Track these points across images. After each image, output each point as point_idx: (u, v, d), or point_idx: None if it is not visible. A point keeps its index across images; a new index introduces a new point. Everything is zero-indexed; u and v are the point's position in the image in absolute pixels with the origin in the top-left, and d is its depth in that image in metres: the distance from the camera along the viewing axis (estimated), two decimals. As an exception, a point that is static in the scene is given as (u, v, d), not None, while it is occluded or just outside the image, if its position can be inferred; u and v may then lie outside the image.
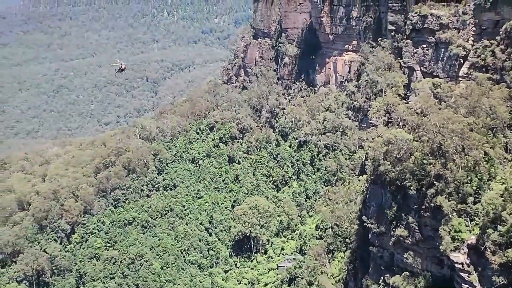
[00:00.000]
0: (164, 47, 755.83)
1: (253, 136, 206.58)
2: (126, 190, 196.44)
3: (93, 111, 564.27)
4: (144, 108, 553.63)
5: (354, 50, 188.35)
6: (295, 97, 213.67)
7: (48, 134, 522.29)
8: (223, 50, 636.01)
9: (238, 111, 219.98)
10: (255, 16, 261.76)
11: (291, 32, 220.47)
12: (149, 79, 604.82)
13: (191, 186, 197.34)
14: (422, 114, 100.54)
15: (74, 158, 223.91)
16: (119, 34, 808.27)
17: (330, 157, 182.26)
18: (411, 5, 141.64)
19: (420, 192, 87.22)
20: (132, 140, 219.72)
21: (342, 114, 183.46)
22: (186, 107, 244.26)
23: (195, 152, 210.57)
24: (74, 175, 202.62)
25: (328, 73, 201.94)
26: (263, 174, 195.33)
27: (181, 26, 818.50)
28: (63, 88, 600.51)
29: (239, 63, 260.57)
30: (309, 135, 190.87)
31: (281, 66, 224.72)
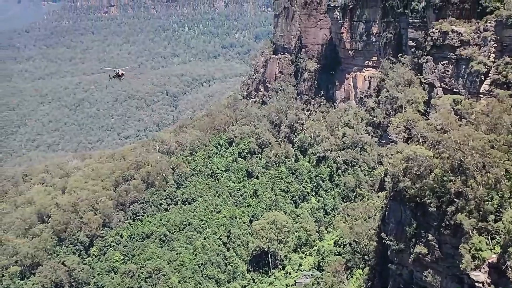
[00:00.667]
0: (185, 62, 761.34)
1: (272, 151, 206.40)
2: (144, 204, 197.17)
3: (113, 124, 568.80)
4: (163, 122, 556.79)
5: (374, 66, 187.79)
6: (315, 112, 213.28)
7: (68, 147, 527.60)
8: (243, 65, 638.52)
9: (257, 126, 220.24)
10: (275, 31, 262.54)
11: (311, 47, 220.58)
12: (169, 93, 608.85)
13: (210, 201, 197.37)
14: (442, 130, 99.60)
15: (94, 171, 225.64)
16: (140, 48, 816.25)
17: (349, 173, 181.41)
18: (431, 22, 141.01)
19: (440, 209, 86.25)
20: (152, 154, 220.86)
21: (361, 130, 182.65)
22: (206, 121, 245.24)
23: (214, 166, 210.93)
24: (93, 188, 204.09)
25: (348, 89, 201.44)
26: (281, 189, 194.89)
27: (202, 41, 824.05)
28: (84, 101, 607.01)
29: (258, 78, 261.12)
30: (328, 151, 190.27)
31: (301, 82, 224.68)
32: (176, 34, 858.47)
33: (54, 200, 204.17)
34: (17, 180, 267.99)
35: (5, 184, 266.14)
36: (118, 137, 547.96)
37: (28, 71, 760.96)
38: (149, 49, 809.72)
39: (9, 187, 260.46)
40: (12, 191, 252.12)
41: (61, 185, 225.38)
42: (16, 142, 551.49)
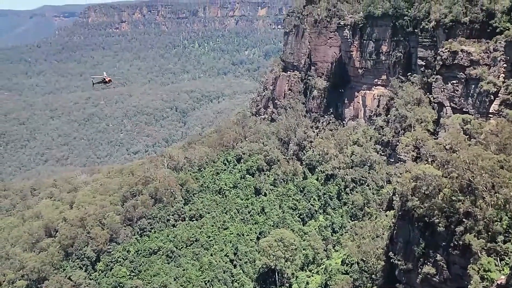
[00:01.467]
0: (194, 78, 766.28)
1: (280, 168, 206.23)
2: (152, 219, 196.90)
3: (122, 139, 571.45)
4: (172, 138, 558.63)
5: (383, 85, 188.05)
6: (323, 130, 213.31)
7: (77, 161, 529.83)
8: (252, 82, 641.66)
9: (266, 143, 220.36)
10: (285, 49, 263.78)
11: (320, 65, 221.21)
12: (178, 109, 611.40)
13: (217, 217, 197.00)
14: (451, 150, 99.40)
15: (102, 186, 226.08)
16: (150, 64, 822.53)
17: (358, 191, 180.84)
18: (441, 41, 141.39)
19: (448, 229, 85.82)
20: (160, 169, 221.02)
21: (370, 148, 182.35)
22: (214, 138, 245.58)
23: (222, 183, 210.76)
24: (101, 203, 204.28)
25: (357, 107, 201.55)
26: (289, 206, 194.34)
27: (212, 57, 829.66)
28: (93, 116, 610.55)
29: (268, 95, 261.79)
30: (336, 169, 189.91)
31: (310, 99, 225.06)
32: (186, 50, 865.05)
33: (61, 215, 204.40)
34: (26, 194, 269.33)
35: (14, 197, 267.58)
36: (126, 152, 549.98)
37: (38, 85, 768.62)
38: (159, 65, 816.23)
39: (17, 200, 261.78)
40: (20, 204, 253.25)
41: (69, 199, 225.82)
42: (25, 156, 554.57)
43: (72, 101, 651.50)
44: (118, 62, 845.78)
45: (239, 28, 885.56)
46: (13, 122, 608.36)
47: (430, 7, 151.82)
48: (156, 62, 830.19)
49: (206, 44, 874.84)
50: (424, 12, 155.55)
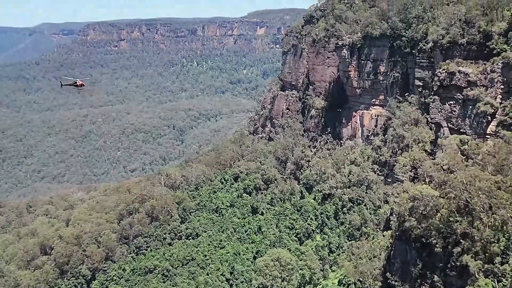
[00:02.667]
0: (192, 96, 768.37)
1: (277, 187, 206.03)
2: (148, 238, 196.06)
3: (119, 157, 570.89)
4: (169, 156, 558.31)
5: (381, 105, 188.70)
6: (321, 149, 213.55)
7: (74, 179, 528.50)
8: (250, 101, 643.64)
9: (263, 162, 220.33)
10: (283, 68, 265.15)
11: (318, 85, 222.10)
12: (176, 127, 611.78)
13: (214, 236, 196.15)
14: (448, 170, 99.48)
15: (98, 203, 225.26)
16: (148, 82, 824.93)
17: (355, 211, 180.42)
18: (438, 62, 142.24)
19: (446, 250, 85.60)
20: (157, 187, 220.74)
21: (367, 168, 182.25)
22: (212, 156, 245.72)
23: (218, 201, 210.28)
24: (97, 221, 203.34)
25: (355, 127, 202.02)
26: (286, 226, 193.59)
27: (210, 76, 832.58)
28: (90, 134, 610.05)
29: (266, 114, 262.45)
30: (333, 188, 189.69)
31: (308, 119, 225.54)
32: (184, 68, 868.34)
33: (57, 232, 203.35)
34: (22, 211, 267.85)
35: (9, 214, 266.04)
36: (123, 170, 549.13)
37: (36, 102, 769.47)
38: (157, 83, 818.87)
39: (13, 217, 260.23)
40: (16, 221, 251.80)
41: (65, 217, 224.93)
42: (21, 173, 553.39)
43: (70, 118, 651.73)
44: (116, 80, 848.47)
45: (237, 47, 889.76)
46: (10, 139, 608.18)
47: (428, 28, 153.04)
48: (154, 80, 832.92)
49: (205, 63, 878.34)
50: (421, 33, 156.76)
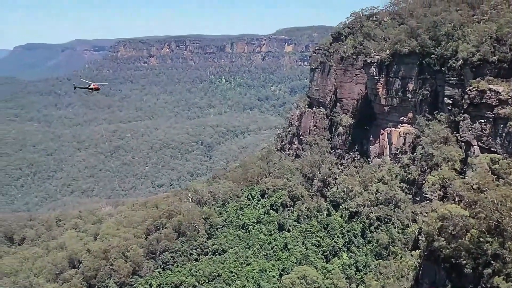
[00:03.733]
0: (220, 113, 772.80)
1: (304, 204, 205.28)
2: (175, 253, 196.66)
3: (147, 172, 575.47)
4: (197, 172, 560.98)
5: (409, 122, 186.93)
6: (348, 167, 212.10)
7: (102, 193, 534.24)
8: (277, 117, 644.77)
9: (290, 178, 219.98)
10: (311, 85, 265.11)
11: (346, 102, 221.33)
12: (203, 143, 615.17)
13: (240, 252, 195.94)
14: (479, 190, 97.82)
15: (126, 218, 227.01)
16: (176, 98, 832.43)
17: (382, 229, 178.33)
18: (469, 80, 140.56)
19: (476, 271, 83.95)
20: (184, 203, 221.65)
21: (395, 186, 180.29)
22: (239, 172, 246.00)
23: (245, 218, 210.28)
24: (125, 235, 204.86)
25: (382, 145, 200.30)
26: (312, 243, 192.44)
27: (238, 92, 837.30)
28: (119, 149, 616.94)
29: (293, 131, 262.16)
30: (361, 206, 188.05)
31: (335, 136, 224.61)
32: (212, 85, 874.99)
33: (85, 246, 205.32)
34: (51, 224, 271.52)
35: (39, 228, 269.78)
36: (151, 185, 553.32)
37: (67, 117, 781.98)
38: (185, 99, 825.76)
39: (42, 231, 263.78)
40: (45, 235, 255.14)
41: (93, 231, 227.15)
42: (52, 187, 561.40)
43: (99, 134, 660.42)
44: (146, 96, 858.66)
45: (265, 64, 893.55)
46: (41, 153, 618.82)
47: (458, 45, 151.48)
48: (183, 96, 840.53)
49: (233, 80, 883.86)
50: (451, 50, 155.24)
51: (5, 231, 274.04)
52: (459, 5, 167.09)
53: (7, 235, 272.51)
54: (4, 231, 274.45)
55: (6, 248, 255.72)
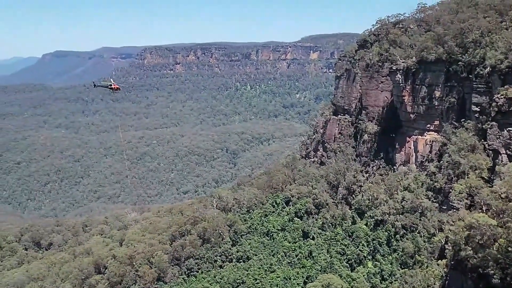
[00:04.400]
0: (245, 120, 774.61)
1: (328, 212, 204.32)
2: (199, 260, 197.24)
3: (173, 179, 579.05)
4: (222, 179, 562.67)
5: (436, 130, 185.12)
6: (373, 175, 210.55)
7: (128, 199, 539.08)
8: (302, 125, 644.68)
9: (314, 186, 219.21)
10: (336, 92, 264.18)
11: (371, 109, 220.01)
12: (229, 150, 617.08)
13: (264, 260, 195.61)
14: (507, 199, 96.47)
15: (152, 224, 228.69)
16: (202, 105, 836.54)
17: (408, 238, 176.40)
18: (496, 87, 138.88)
19: (504, 281, 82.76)
20: (209, 210, 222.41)
21: (421, 194, 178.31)
22: (264, 180, 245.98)
23: (270, 225, 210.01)
24: (150, 242, 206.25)
25: (408, 152, 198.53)
26: (337, 251, 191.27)
27: (263, 100, 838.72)
28: (145, 155, 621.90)
29: (318, 139, 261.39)
30: (386, 214, 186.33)
31: (360, 143, 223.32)
32: (238, 92, 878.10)
33: (111, 252, 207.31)
34: (78, 230, 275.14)
35: (66, 233, 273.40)
36: (177, 191, 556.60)
37: (94, 124, 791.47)
38: (211, 106, 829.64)
39: (69, 236, 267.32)
40: (72, 240, 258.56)
41: (119, 237, 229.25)
42: (79, 193, 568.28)
43: (125, 140, 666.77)
44: (172, 103, 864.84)
45: (290, 72, 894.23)
46: (68, 159, 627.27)
47: (485, 52, 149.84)
48: (209, 103, 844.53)
49: (258, 87, 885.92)
50: (478, 57, 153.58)
51: (33, 236, 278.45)
52: (487, 12, 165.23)
53: (34, 240, 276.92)
54: (32, 236, 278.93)
55: (34, 253, 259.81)
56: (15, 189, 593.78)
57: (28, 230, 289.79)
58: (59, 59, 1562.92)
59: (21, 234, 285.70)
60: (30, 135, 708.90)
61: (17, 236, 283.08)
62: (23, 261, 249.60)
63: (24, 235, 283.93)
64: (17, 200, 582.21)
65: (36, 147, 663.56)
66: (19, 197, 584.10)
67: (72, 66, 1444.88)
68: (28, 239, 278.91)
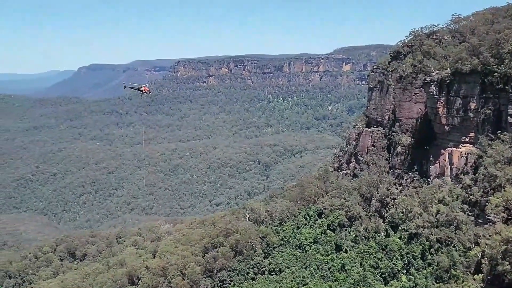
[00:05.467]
0: (278, 132, 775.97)
1: (361, 225, 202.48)
2: (232, 272, 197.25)
3: (206, 191, 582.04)
4: (254, 191, 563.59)
5: (471, 142, 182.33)
6: (407, 187, 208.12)
7: (161, 211, 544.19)
8: (335, 137, 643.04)
9: (347, 198, 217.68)
10: (369, 104, 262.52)
11: (405, 121, 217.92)
12: (261, 162, 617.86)
13: (296, 272, 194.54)
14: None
15: (184, 236, 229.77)
16: (235, 117, 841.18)
17: (443, 252, 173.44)
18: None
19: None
20: (241, 222, 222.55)
21: (456, 207, 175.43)
22: (296, 192, 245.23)
23: (302, 237, 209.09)
24: (183, 253, 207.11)
25: (443, 165, 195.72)
26: (370, 265, 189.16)
27: (295, 112, 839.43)
28: (178, 167, 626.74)
29: (350, 151, 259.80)
30: (420, 228, 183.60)
31: (394, 156, 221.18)
32: (270, 104, 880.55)
33: (144, 263, 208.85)
34: (111, 241, 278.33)
35: (100, 244, 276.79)
36: (209, 203, 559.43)
37: (128, 136, 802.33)
38: (243, 118, 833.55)
39: (103, 247, 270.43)
40: (106, 251, 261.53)
41: (152, 248, 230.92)
42: (112, 204, 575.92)
43: (159, 152, 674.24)
44: (204, 115, 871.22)
45: (323, 84, 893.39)
46: (103, 171, 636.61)
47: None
48: (241, 115, 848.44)
49: (290, 99, 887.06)
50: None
51: (68, 247, 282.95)
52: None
53: (69, 251, 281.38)
54: (67, 247, 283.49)
55: (69, 264, 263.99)
56: (51, 200, 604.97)
57: (63, 241, 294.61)
58: (94, 72, 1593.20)
59: (57, 245, 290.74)
60: (65, 147, 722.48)
61: (53, 247, 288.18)
62: (58, 271, 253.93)
63: (59, 245, 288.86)
64: (52, 211, 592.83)
65: (72, 159, 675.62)
66: (54, 208, 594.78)
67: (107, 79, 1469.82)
68: (63, 249, 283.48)
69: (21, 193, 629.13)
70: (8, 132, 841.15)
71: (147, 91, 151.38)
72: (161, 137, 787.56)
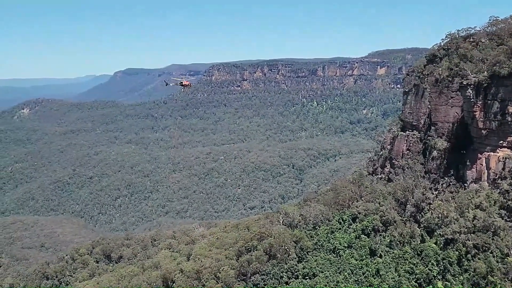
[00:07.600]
0: (312, 136, 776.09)
1: (396, 230, 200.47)
2: (266, 276, 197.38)
3: (240, 195, 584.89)
4: (288, 194, 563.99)
5: (509, 147, 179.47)
6: (443, 192, 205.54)
7: (196, 214, 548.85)
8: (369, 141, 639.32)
9: (382, 203, 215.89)
10: (404, 108, 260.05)
11: (441, 125, 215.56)
12: (295, 166, 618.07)
13: (331, 277, 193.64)
14: None
15: (218, 240, 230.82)
16: (269, 121, 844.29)
17: (480, 258, 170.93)
18: None
19: None
20: (275, 225, 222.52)
21: (494, 213, 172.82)
22: (330, 196, 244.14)
23: (336, 242, 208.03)
24: (216, 257, 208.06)
25: (480, 169, 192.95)
26: (405, 270, 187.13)
27: (329, 116, 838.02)
28: (213, 171, 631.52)
29: (385, 155, 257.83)
30: (457, 233, 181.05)
31: (429, 160, 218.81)
32: (304, 108, 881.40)
33: (179, 266, 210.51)
34: (146, 244, 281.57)
35: (135, 247, 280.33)
36: (243, 207, 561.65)
37: (163, 139, 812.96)
38: (277, 122, 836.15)
39: (138, 250, 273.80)
40: (141, 254, 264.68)
41: (187, 251, 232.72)
42: (148, 207, 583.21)
43: (194, 156, 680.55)
44: (239, 119, 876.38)
45: (357, 87, 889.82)
46: (138, 174, 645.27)
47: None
48: (275, 119, 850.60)
49: (324, 103, 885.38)
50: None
51: (103, 249, 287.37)
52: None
53: (105, 253, 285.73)
54: (103, 249, 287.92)
55: (104, 266, 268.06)
56: (87, 203, 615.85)
57: (99, 243, 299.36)
58: (130, 76, 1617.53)
59: (93, 247, 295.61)
60: (101, 151, 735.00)
61: (89, 249, 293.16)
62: (94, 273, 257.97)
63: (95, 248, 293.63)
64: (89, 213, 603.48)
65: (108, 162, 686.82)
66: (91, 211, 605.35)
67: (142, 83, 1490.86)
68: (99, 252, 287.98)
69: (59, 196, 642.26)
70: (46, 136, 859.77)
71: (188, 85, 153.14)
72: (196, 140, 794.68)
